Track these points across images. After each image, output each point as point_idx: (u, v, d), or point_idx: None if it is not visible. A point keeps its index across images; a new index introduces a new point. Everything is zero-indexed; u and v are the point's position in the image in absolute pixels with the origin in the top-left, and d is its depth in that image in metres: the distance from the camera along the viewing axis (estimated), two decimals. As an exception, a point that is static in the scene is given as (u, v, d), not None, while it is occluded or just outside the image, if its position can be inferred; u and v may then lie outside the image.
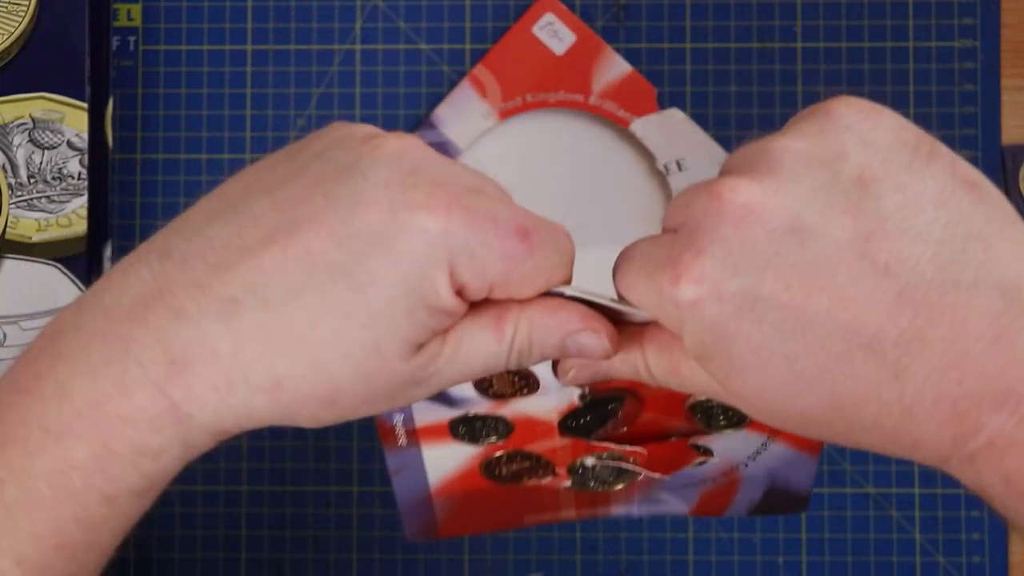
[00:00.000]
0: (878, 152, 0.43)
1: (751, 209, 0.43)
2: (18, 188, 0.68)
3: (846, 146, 0.44)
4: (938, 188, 0.43)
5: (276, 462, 0.70)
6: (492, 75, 0.71)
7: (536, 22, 0.71)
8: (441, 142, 0.70)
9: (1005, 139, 0.71)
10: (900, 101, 0.71)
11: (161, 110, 0.71)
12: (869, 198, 0.43)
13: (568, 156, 0.71)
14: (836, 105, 0.45)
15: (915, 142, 0.44)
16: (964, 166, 0.44)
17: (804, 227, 0.42)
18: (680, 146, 0.70)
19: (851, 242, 0.42)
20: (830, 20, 0.72)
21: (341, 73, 0.72)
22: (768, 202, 0.43)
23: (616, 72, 0.71)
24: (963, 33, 0.72)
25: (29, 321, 0.67)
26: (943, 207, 0.43)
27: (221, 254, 0.44)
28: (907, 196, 0.43)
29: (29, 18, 0.68)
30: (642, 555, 0.70)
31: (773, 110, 0.71)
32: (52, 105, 0.68)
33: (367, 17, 0.72)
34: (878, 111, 0.44)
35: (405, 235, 0.43)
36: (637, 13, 0.72)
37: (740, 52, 0.72)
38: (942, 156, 0.44)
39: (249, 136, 0.71)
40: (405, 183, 0.44)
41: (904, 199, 0.43)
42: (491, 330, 0.46)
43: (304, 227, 0.44)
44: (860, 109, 0.44)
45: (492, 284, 0.45)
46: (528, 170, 0.71)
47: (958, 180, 0.43)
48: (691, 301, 0.44)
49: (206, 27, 0.72)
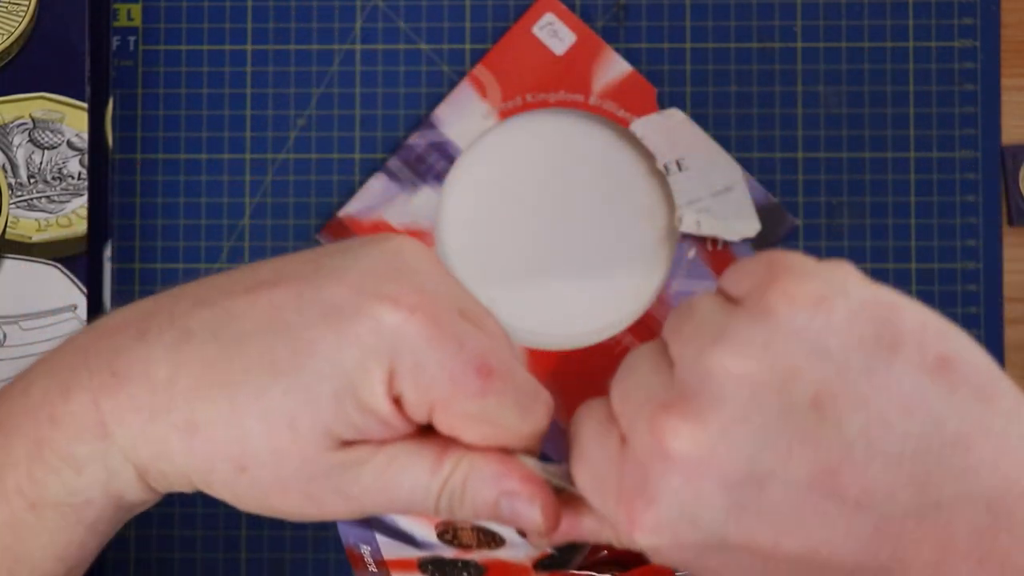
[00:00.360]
0: (833, 362, 0.39)
1: (700, 460, 0.39)
2: (18, 188, 0.68)
3: (796, 362, 0.39)
4: (905, 392, 0.39)
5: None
6: (492, 75, 0.71)
7: (536, 22, 0.71)
8: (441, 142, 0.70)
9: (1005, 139, 0.71)
10: (900, 101, 0.71)
11: (161, 110, 0.71)
12: (828, 424, 0.39)
13: (568, 156, 0.71)
14: (778, 304, 0.39)
15: (874, 333, 0.39)
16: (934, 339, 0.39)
17: (761, 473, 0.39)
18: (680, 146, 0.70)
19: (814, 480, 0.39)
20: (830, 20, 0.72)
21: (341, 73, 0.72)
22: (717, 451, 0.39)
23: (616, 72, 0.71)
24: (963, 33, 0.72)
25: (29, 321, 0.67)
26: (913, 416, 0.39)
27: (209, 294, 0.45)
28: (871, 414, 0.39)
29: (29, 18, 0.68)
30: (642, 555, 0.70)
31: (773, 110, 0.71)
32: (52, 105, 0.68)
33: (367, 17, 0.72)
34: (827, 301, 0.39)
35: (358, 319, 0.42)
36: (637, 13, 0.72)
37: (740, 52, 0.72)
38: (906, 341, 0.39)
39: (249, 136, 0.71)
40: (386, 275, 0.43)
41: (868, 419, 0.38)
42: (429, 459, 0.44)
43: (281, 284, 0.44)
44: (806, 304, 0.39)
45: (433, 408, 0.43)
46: (528, 170, 0.71)
47: (927, 368, 0.39)
48: (651, 547, 0.41)
49: (206, 27, 0.72)
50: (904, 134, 0.71)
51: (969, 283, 0.71)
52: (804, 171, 0.71)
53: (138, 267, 0.71)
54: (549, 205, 0.71)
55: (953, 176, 0.71)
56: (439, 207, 0.71)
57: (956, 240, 0.71)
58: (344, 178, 0.71)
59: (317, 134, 0.71)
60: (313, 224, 0.71)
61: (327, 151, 0.71)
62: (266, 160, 0.71)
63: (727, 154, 0.70)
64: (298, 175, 0.71)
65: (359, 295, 0.43)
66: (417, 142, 0.70)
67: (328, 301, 0.43)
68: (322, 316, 0.43)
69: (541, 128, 0.71)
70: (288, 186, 0.71)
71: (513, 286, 0.71)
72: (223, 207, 0.71)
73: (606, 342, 0.70)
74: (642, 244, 0.71)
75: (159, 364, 0.44)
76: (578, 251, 0.71)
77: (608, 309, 0.70)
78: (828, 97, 0.71)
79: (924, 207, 0.71)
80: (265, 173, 0.71)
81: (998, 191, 0.71)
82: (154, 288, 0.70)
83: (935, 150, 0.71)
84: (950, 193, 0.71)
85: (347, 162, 0.71)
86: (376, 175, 0.70)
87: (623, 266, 0.71)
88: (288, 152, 0.71)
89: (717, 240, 0.70)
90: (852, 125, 0.71)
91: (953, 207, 0.71)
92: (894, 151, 0.71)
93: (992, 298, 0.70)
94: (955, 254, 0.71)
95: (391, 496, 0.44)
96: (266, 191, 0.71)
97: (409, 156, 0.70)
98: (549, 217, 0.71)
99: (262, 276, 0.45)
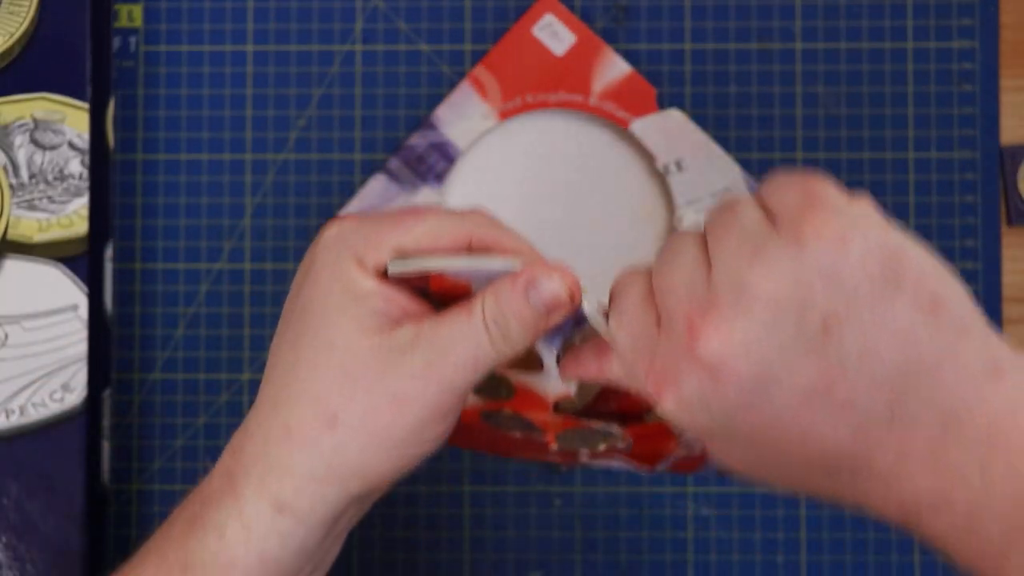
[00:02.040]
0: (843, 292, 0.46)
1: (722, 365, 0.47)
2: (19, 188, 0.68)
3: (813, 292, 0.46)
4: (899, 324, 0.46)
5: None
6: (492, 76, 0.71)
7: (536, 23, 0.71)
8: (441, 142, 0.70)
9: (1004, 139, 0.71)
10: (899, 102, 0.71)
11: (162, 111, 0.71)
12: (832, 344, 0.46)
13: (568, 157, 0.71)
14: (808, 236, 0.46)
15: (881, 272, 0.46)
16: (931, 281, 0.47)
17: (771, 377, 0.47)
18: (680, 147, 0.70)
19: (815, 388, 0.46)
20: (829, 21, 0.72)
21: (341, 74, 0.72)
22: (738, 360, 0.47)
23: (616, 73, 0.71)
24: (962, 34, 0.72)
25: (30, 321, 0.67)
26: (901, 347, 0.46)
27: None
28: (868, 341, 0.46)
29: (30, 19, 0.68)
30: (642, 555, 0.70)
31: (772, 111, 0.71)
32: (53, 106, 0.68)
33: (367, 18, 0.72)
34: (847, 239, 0.46)
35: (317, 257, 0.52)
36: (637, 14, 0.72)
37: (739, 53, 0.72)
38: (908, 280, 0.46)
39: (250, 137, 0.71)
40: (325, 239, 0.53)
41: (865, 345, 0.46)
42: (464, 312, 0.50)
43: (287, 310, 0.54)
44: (830, 241, 0.46)
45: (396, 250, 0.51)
46: (528, 171, 0.71)
47: (920, 306, 0.46)
48: (669, 411, 0.49)
49: (207, 28, 0.72)
50: (903, 135, 0.71)
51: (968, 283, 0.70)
52: (803, 171, 0.71)
53: (139, 267, 0.71)
54: (549, 205, 0.71)
55: (952, 177, 0.71)
56: (439, 207, 0.71)
57: (955, 240, 0.71)
58: (344, 178, 0.71)
59: (318, 135, 0.71)
60: (314, 224, 0.71)
61: (328, 152, 0.71)
62: (267, 160, 0.71)
63: (726, 155, 0.70)
64: (299, 176, 0.71)
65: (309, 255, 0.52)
66: (417, 143, 0.70)
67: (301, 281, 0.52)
68: (302, 282, 0.52)
69: (541, 129, 0.71)
70: (289, 187, 0.71)
71: (513, 286, 0.71)
72: (224, 207, 0.71)
73: (606, 342, 0.70)
74: (642, 245, 0.71)
75: None
76: (578, 251, 0.71)
77: (608, 309, 0.70)
78: (827, 98, 0.71)
79: (923, 207, 0.71)
80: (266, 173, 0.71)
81: (997, 191, 0.71)
82: (155, 288, 0.71)
83: (934, 151, 0.71)
84: (949, 194, 0.71)
85: (347, 163, 0.71)
86: (376, 176, 0.70)
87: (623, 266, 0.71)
88: (289, 153, 0.71)
89: (717, 240, 0.70)
90: (851, 126, 0.71)
91: (952, 207, 0.71)
92: (893, 152, 0.71)
93: (991, 298, 0.71)
94: (954, 254, 0.71)
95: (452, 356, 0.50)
96: (267, 191, 0.71)
97: (409, 157, 0.70)
98: (549, 217, 0.71)
99: None
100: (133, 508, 0.70)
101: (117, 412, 0.70)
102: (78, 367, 0.67)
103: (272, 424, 0.51)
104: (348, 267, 0.51)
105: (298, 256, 0.70)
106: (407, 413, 0.50)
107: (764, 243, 0.47)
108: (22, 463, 0.66)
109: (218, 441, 0.70)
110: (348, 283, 0.50)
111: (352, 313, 0.50)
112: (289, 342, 0.51)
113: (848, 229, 0.46)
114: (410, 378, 0.50)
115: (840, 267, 0.46)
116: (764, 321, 0.46)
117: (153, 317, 0.71)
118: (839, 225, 0.46)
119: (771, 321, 0.46)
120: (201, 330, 0.70)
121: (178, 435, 0.70)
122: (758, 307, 0.46)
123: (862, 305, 0.46)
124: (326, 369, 0.50)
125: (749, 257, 0.47)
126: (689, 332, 0.47)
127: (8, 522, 0.66)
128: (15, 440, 0.66)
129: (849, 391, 0.46)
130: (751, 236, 0.47)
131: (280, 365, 0.51)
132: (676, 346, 0.48)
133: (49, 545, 0.65)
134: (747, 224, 0.48)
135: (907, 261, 0.47)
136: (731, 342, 0.46)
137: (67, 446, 0.66)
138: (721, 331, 0.47)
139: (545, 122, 0.71)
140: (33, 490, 0.66)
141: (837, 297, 0.46)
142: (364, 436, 0.50)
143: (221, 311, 0.71)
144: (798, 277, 0.46)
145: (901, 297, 0.46)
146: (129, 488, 0.70)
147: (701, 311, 0.47)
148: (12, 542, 0.66)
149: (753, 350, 0.46)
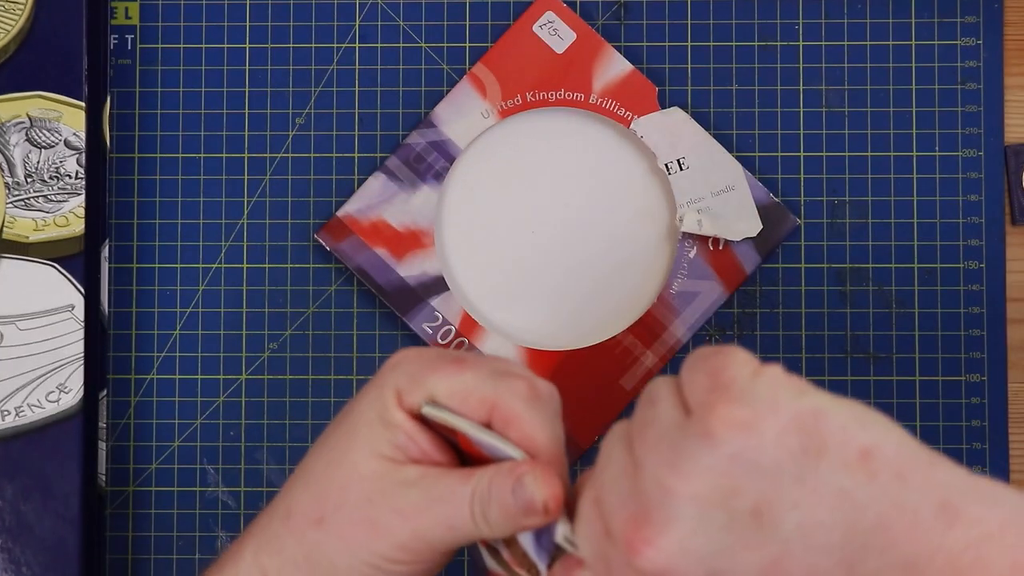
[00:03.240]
0: (765, 474, 0.46)
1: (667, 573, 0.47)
2: (15, 187, 0.67)
3: (735, 481, 0.46)
4: (831, 490, 0.46)
5: (275, 463, 0.70)
6: (492, 74, 0.70)
7: (536, 20, 0.71)
8: (441, 141, 0.70)
9: (1008, 138, 0.71)
10: (902, 100, 0.71)
11: (159, 109, 0.71)
12: (766, 528, 0.46)
13: (568, 155, 0.71)
14: (717, 428, 0.46)
15: (800, 444, 0.46)
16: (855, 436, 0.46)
17: (719, 572, 0.46)
18: (681, 145, 0.70)
19: (766, 572, 0.46)
20: (832, 18, 0.71)
21: (340, 71, 0.71)
22: (676, 562, 0.46)
23: (617, 71, 0.70)
24: (966, 31, 0.71)
25: (26, 321, 0.67)
26: (841, 511, 0.46)
27: None
28: (803, 514, 0.46)
29: (26, 17, 0.68)
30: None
31: (775, 109, 0.71)
32: (49, 104, 0.68)
33: (366, 15, 0.72)
34: (758, 423, 0.46)
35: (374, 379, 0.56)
36: (638, 11, 0.71)
37: (742, 50, 0.71)
38: (830, 441, 0.46)
39: (247, 135, 0.71)
40: None
41: (801, 517, 0.46)
42: (464, 479, 0.53)
43: None
44: (741, 429, 0.46)
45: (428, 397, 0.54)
46: (528, 170, 0.71)
47: (849, 464, 0.46)
48: None
49: (204, 25, 0.71)
50: (906, 133, 0.71)
51: (972, 283, 0.70)
52: (806, 170, 0.71)
53: (136, 267, 0.71)
54: (549, 204, 0.71)
55: (956, 175, 0.71)
56: (438, 206, 0.70)
57: (959, 239, 0.71)
58: (343, 177, 0.71)
59: (316, 133, 0.71)
60: (312, 223, 0.71)
61: (326, 150, 0.71)
62: (264, 159, 0.71)
63: (728, 153, 0.70)
64: (297, 174, 0.71)
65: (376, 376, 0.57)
66: (416, 141, 0.70)
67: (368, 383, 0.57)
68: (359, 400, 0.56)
69: (541, 127, 0.71)
70: (287, 185, 0.71)
71: (513, 285, 0.70)
72: (221, 206, 0.71)
73: (606, 342, 0.69)
74: (643, 244, 0.70)
75: None
76: (578, 251, 0.71)
77: (608, 309, 0.70)
78: (830, 96, 0.71)
79: (927, 206, 0.71)
80: (264, 172, 0.71)
81: (1001, 190, 0.71)
82: (152, 288, 0.70)
83: (938, 149, 0.71)
84: (953, 192, 0.71)
85: (346, 161, 0.71)
86: (375, 174, 0.70)
87: (623, 266, 0.70)
88: (287, 151, 0.71)
89: (718, 240, 0.70)
90: (854, 124, 0.71)
91: (956, 206, 0.71)
92: (896, 150, 0.71)
93: (995, 298, 0.70)
94: (958, 253, 0.70)
95: (436, 511, 0.53)
96: (264, 190, 0.71)
97: (408, 155, 0.70)
98: (549, 216, 0.71)
99: None
100: (129, 509, 0.69)
101: (114, 413, 0.70)
102: (74, 368, 0.66)
103: (283, 502, 0.56)
104: (388, 396, 0.55)
105: (297, 256, 0.70)
106: (379, 540, 0.54)
107: (679, 441, 0.47)
108: (18, 464, 0.66)
109: (214, 442, 0.69)
110: (382, 411, 0.55)
111: (373, 436, 0.55)
112: (326, 433, 0.57)
113: (756, 412, 0.46)
114: (393, 512, 0.53)
115: (755, 451, 0.46)
116: (694, 521, 0.46)
117: (150, 317, 0.70)
118: (746, 410, 0.46)
119: (701, 519, 0.46)
120: (198, 330, 0.70)
121: (175, 436, 0.70)
122: (685, 508, 0.46)
123: (788, 481, 0.46)
124: (335, 472, 0.55)
125: (668, 457, 0.47)
126: (628, 547, 0.47)
127: (3, 524, 0.65)
128: (11, 441, 0.66)
129: (803, 566, 0.46)
130: (667, 434, 0.47)
131: (315, 449, 0.57)
132: (622, 559, 0.48)
133: (45, 547, 0.65)
134: (664, 420, 0.48)
135: (825, 422, 0.46)
136: (668, 551, 0.46)
137: (63, 447, 0.66)
138: (655, 543, 0.46)
139: (545, 121, 0.71)
140: (29, 491, 0.66)
141: (761, 480, 0.46)
142: (340, 543, 0.54)
143: (218, 311, 0.70)
144: (716, 470, 0.46)
145: (827, 461, 0.46)
146: (126, 489, 0.70)
147: (634, 523, 0.47)
148: (7, 544, 0.65)
149: (691, 552, 0.46)
